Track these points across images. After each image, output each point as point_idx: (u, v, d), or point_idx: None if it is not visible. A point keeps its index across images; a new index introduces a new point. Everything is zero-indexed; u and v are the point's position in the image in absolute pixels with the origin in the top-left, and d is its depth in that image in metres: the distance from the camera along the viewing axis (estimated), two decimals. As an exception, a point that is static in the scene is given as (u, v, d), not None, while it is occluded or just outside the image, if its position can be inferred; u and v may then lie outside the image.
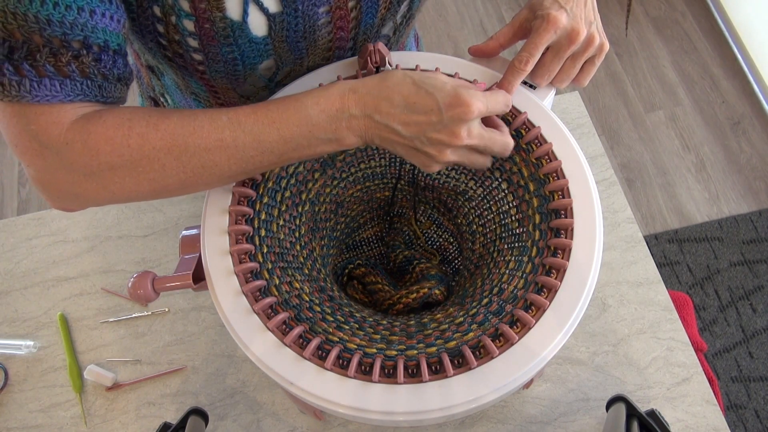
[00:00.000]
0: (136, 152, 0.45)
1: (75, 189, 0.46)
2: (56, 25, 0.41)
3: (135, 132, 0.45)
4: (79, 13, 0.42)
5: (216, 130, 0.46)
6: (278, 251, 0.53)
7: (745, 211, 1.66)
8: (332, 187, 0.63)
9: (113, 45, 0.45)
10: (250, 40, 0.53)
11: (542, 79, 0.56)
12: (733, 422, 1.41)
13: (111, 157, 0.44)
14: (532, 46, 0.53)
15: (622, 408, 0.62)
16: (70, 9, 0.41)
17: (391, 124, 0.46)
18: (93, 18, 0.43)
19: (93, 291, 0.77)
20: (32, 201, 1.73)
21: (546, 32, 0.52)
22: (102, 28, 0.44)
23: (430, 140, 0.47)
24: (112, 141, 0.44)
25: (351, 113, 0.47)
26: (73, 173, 0.45)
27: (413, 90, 0.46)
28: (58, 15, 0.41)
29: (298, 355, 0.46)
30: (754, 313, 1.53)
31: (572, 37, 0.52)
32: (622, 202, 0.80)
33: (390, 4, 0.58)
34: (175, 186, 0.47)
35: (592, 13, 0.54)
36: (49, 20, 0.41)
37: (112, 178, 0.46)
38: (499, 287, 0.52)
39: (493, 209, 0.60)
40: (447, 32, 1.99)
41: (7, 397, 0.72)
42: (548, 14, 0.52)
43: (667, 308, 0.73)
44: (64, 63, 0.42)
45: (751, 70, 1.85)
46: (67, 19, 0.41)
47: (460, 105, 0.45)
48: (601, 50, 0.55)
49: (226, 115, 0.47)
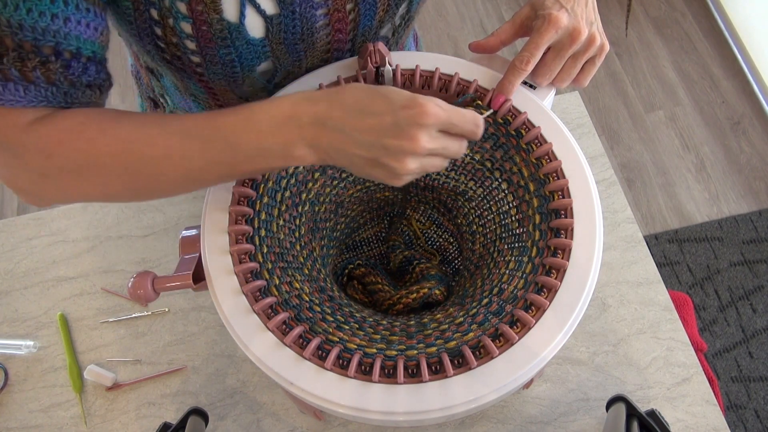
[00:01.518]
0: (84, 156, 0.45)
1: (33, 188, 0.47)
2: (28, 30, 0.42)
3: (84, 136, 0.45)
4: (53, 20, 0.42)
5: (164, 138, 0.45)
6: (278, 251, 0.53)
7: (745, 211, 1.66)
8: (332, 187, 0.63)
9: (86, 52, 0.46)
10: (247, 42, 0.53)
11: (543, 79, 0.56)
12: (733, 422, 1.41)
13: (61, 160, 0.45)
14: (533, 45, 0.53)
15: (622, 408, 0.62)
16: (43, 15, 0.42)
17: (344, 129, 0.43)
18: (67, 25, 0.43)
19: (93, 291, 0.77)
20: (32, 201, 1.73)
21: (547, 32, 0.52)
22: (75, 35, 0.44)
23: (387, 148, 0.42)
24: (62, 144, 0.45)
25: (302, 121, 0.43)
26: (29, 173, 0.46)
27: (368, 94, 0.44)
28: (30, 20, 0.41)
29: (298, 355, 0.46)
30: (754, 313, 1.53)
31: (573, 36, 0.52)
32: (622, 202, 0.80)
33: (388, 7, 0.58)
34: (126, 192, 0.48)
35: (593, 14, 0.54)
36: (21, 25, 0.41)
37: (65, 180, 0.46)
38: (499, 287, 0.52)
39: (493, 209, 0.60)
40: (447, 32, 1.99)
41: (7, 397, 0.72)
42: (549, 14, 0.51)
43: (667, 308, 0.73)
44: (29, 68, 0.43)
45: (751, 70, 1.85)
46: (39, 24, 0.42)
47: (415, 106, 0.42)
48: (601, 50, 0.55)
49: (177, 122, 0.46)
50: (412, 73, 0.57)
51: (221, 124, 0.45)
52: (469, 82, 0.57)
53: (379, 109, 0.43)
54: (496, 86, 0.56)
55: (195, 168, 0.46)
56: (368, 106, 0.43)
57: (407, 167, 0.43)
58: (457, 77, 0.57)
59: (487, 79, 0.57)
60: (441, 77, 0.57)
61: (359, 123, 0.43)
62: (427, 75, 0.58)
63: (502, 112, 0.56)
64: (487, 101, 0.56)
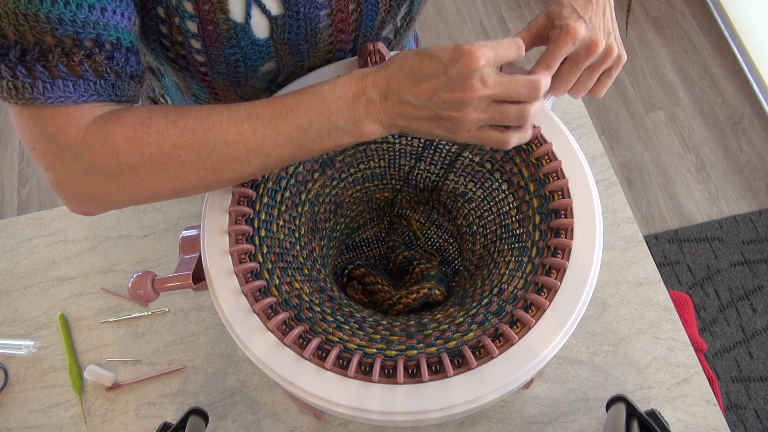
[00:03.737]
0: (156, 150, 0.45)
1: (95, 191, 0.46)
2: (68, 24, 0.41)
3: (154, 129, 0.45)
4: (91, 11, 0.42)
5: (235, 124, 0.46)
6: (278, 251, 0.53)
7: (745, 211, 1.66)
8: (332, 187, 0.63)
9: (125, 42, 0.45)
10: (252, 42, 0.53)
11: (559, 90, 0.54)
12: (733, 422, 1.41)
13: (131, 157, 0.44)
14: (549, 57, 0.51)
15: (622, 408, 0.62)
16: (81, 7, 0.41)
17: (405, 97, 0.45)
18: (104, 15, 0.43)
19: (93, 291, 0.77)
20: (32, 201, 1.73)
21: (564, 44, 0.50)
22: (114, 25, 0.44)
23: (447, 102, 0.44)
24: (132, 140, 0.44)
25: (368, 97, 0.46)
26: (92, 174, 0.45)
27: (416, 59, 0.45)
28: (69, 14, 0.41)
29: (298, 355, 0.46)
30: (754, 313, 1.53)
31: (591, 48, 0.51)
32: (622, 202, 0.80)
33: (390, 7, 0.58)
34: (196, 183, 0.47)
35: (611, 23, 0.53)
36: (60, 19, 0.41)
37: (133, 178, 0.45)
38: (499, 287, 0.52)
39: (494, 210, 0.60)
40: (447, 32, 1.99)
41: (7, 397, 0.72)
42: (567, 25, 0.50)
43: (667, 308, 0.73)
44: (76, 63, 0.42)
45: (751, 70, 1.85)
46: (79, 17, 0.41)
47: (463, 55, 0.43)
48: (618, 61, 0.54)
49: (244, 108, 0.47)
50: (412, 73, 0.57)
51: (293, 107, 0.46)
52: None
53: (432, 70, 0.44)
54: None
55: (267, 151, 0.47)
56: (420, 70, 0.45)
57: (469, 115, 0.45)
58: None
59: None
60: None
61: (417, 88, 0.45)
62: (427, 75, 0.57)
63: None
64: None
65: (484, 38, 1.97)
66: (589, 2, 0.51)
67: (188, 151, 0.45)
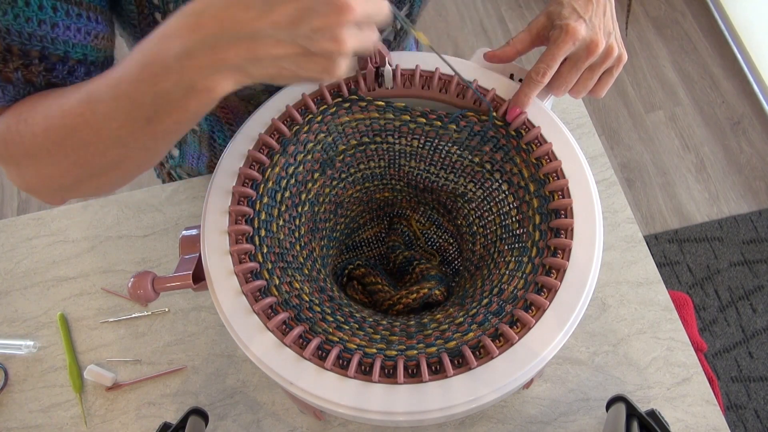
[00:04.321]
0: (28, 140, 0.45)
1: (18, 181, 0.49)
2: (15, 35, 0.42)
3: (23, 118, 0.45)
4: (40, 26, 0.43)
5: (78, 105, 0.42)
6: (278, 251, 0.53)
7: (745, 211, 1.66)
8: (331, 187, 0.63)
9: (75, 56, 0.46)
10: None
11: (559, 91, 0.54)
12: (733, 422, 1.41)
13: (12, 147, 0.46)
14: (549, 57, 0.51)
15: (622, 408, 0.62)
16: (30, 21, 0.42)
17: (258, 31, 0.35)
18: (54, 30, 0.44)
19: (93, 291, 0.77)
20: (32, 201, 1.73)
21: (564, 43, 0.50)
22: (63, 40, 0.44)
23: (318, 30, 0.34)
24: (9, 129, 0.46)
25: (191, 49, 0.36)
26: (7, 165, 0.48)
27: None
28: (17, 25, 0.42)
29: (298, 355, 0.46)
30: (754, 313, 1.53)
31: (591, 48, 0.50)
32: (622, 202, 0.80)
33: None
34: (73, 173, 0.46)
35: (611, 23, 0.53)
36: (8, 29, 0.42)
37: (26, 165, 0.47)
38: (499, 288, 0.52)
39: (494, 210, 0.60)
40: (447, 32, 1.99)
41: (7, 397, 0.72)
42: (567, 25, 0.50)
43: (667, 308, 0.73)
44: (11, 69, 0.44)
45: (751, 70, 1.85)
46: (26, 30, 0.42)
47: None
48: (619, 61, 0.54)
49: (86, 87, 0.43)
50: (412, 73, 0.57)
51: (122, 79, 0.40)
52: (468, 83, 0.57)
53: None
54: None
55: (112, 130, 0.42)
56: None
57: (346, 45, 0.35)
58: (457, 77, 0.57)
59: (489, 78, 0.57)
60: (441, 77, 0.57)
61: (272, 16, 0.34)
62: (427, 75, 0.58)
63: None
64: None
65: (485, 38, 1.97)
66: (590, 2, 0.51)
67: (46, 139, 0.45)
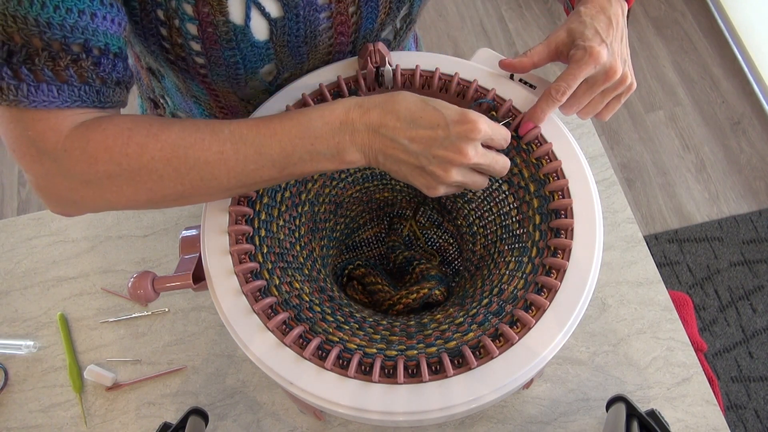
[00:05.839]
0: (134, 162, 0.44)
1: (72, 195, 0.46)
2: (56, 29, 0.41)
3: (134, 141, 0.44)
4: (80, 16, 0.42)
5: (217, 143, 0.46)
6: (278, 251, 0.53)
7: (745, 211, 1.66)
8: (331, 187, 0.63)
9: (113, 48, 0.45)
10: (252, 44, 0.53)
11: (570, 110, 0.54)
12: (733, 422, 1.41)
13: (108, 166, 0.44)
14: (570, 77, 0.51)
15: (622, 408, 0.62)
16: (70, 12, 0.41)
17: (397, 138, 0.46)
18: (93, 21, 0.43)
19: (93, 291, 0.77)
20: (32, 201, 1.73)
21: (587, 66, 0.50)
22: (103, 31, 0.44)
23: (437, 157, 0.46)
24: (111, 150, 0.44)
25: (355, 127, 0.46)
26: (70, 180, 0.45)
27: (420, 105, 0.46)
28: (58, 18, 0.41)
29: (298, 355, 0.46)
30: (754, 313, 1.52)
31: (609, 74, 0.51)
32: (622, 202, 0.80)
33: (389, 9, 0.58)
34: (173, 197, 0.47)
35: (626, 50, 0.54)
36: (49, 23, 0.41)
37: (110, 187, 0.45)
38: (499, 288, 0.52)
39: (494, 211, 0.60)
40: (447, 32, 1.99)
41: (7, 397, 0.72)
42: (591, 47, 0.50)
43: (667, 308, 0.73)
44: (62, 67, 0.42)
45: (751, 70, 1.84)
46: (68, 22, 0.41)
47: (468, 122, 0.45)
48: (629, 89, 0.54)
49: (228, 128, 0.46)
50: (412, 73, 0.57)
51: (277, 130, 0.46)
52: (469, 82, 0.57)
53: (432, 122, 0.45)
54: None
55: (247, 171, 0.47)
56: (421, 118, 0.46)
57: (451, 177, 0.46)
58: (457, 77, 0.57)
59: (487, 79, 0.57)
60: (441, 77, 0.57)
61: (411, 133, 0.46)
62: (427, 75, 0.58)
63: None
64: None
65: (485, 38, 1.97)
66: (610, 26, 0.52)
67: (167, 166, 0.45)
